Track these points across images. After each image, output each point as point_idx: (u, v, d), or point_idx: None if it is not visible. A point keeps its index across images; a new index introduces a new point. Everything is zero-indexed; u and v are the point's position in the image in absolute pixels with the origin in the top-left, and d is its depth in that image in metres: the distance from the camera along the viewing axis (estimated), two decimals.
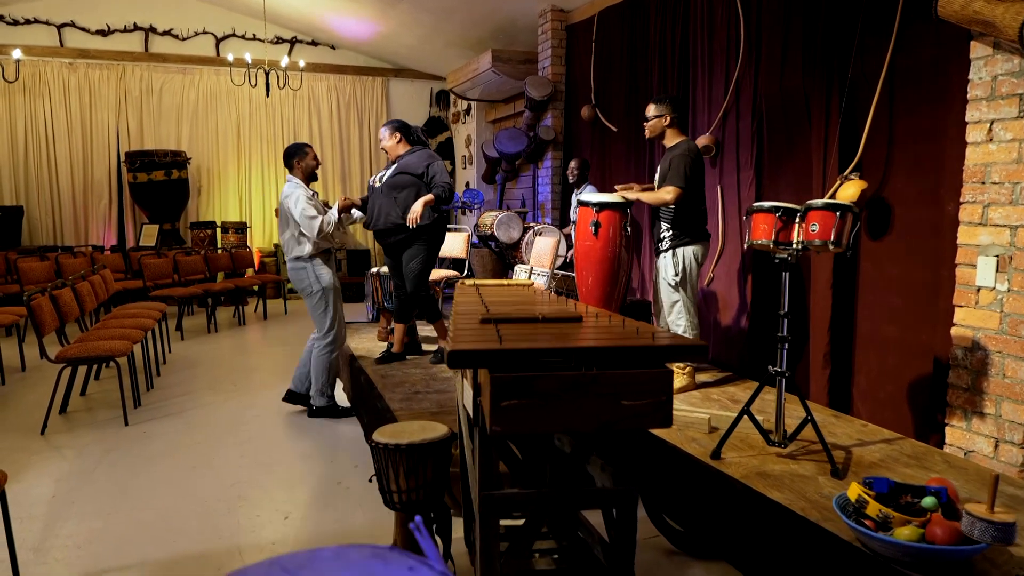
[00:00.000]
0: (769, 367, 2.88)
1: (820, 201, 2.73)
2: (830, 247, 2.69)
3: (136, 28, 9.33)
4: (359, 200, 4.50)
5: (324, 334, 4.32)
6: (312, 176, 4.35)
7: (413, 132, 4.48)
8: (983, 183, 2.95)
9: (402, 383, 4.09)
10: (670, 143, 3.69)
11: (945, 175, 3.21)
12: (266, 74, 8.11)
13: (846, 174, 3.63)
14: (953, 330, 3.09)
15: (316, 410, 4.43)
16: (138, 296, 7.32)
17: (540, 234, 5.69)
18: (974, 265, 2.99)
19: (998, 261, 2.90)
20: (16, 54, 7.69)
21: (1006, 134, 2.87)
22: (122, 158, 9.18)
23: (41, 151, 9.13)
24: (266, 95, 8.62)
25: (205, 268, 7.93)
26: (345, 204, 4.29)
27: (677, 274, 3.76)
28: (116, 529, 2.97)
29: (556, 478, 2.77)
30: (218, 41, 9.67)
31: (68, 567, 2.67)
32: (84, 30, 9.13)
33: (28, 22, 8.91)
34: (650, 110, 3.67)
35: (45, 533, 2.92)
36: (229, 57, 8.36)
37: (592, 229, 3.70)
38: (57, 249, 8.39)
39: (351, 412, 4.47)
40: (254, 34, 9.71)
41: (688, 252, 3.76)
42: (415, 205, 4.19)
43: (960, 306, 3.06)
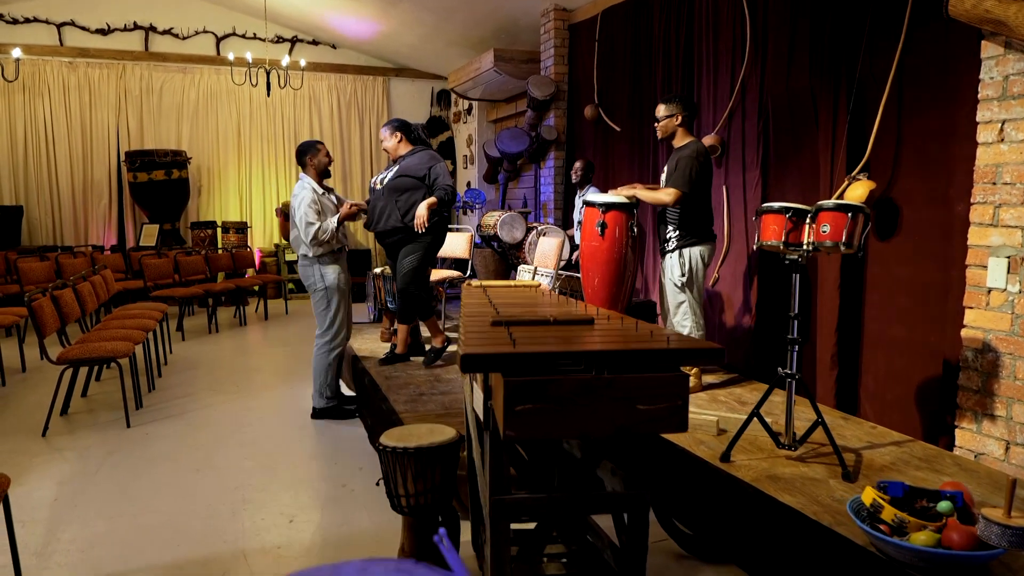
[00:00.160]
0: (779, 369, 2.86)
1: (831, 202, 2.71)
2: (841, 248, 2.66)
3: (136, 27, 9.30)
4: (365, 203, 4.49)
5: (323, 332, 4.32)
6: (325, 173, 4.36)
7: (414, 131, 4.45)
8: (994, 184, 2.93)
9: (406, 384, 4.06)
10: (679, 143, 3.66)
11: (955, 176, 3.19)
12: (267, 73, 8.08)
13: (854, 174, 3.60)
14: (963, 332, 3.07)
15: (317, 411, 4.41)
16: (139, 296, 7.29)
17: (544, 234, 5.66)
18: (985, 266, 2.97)
19: (1009, 262, 2.88)
20: (16, 53, 7.66)
21: (1018, 134, 2.84)
22: (122, 158, 9.14)
23: (41, 151, 9.09)
24: (267, 94, 8.59)
25: (206, 268, 7.89)
26: (351, 211, 4.27)
27: (683, 275, 3.74)
28: (119, 533, 2.94)
29: (565, 482, 2.75)
30: (218, 40, 9.63)
31: (71, 572, 2.64)
32: (84, 29, 9.09)
33: (28, 21, 8.87)
34: (660, 110, 3.64)
35: (48, 537, 2.89)
36: (230, 56, 8.32)
37: (598, 230, 3.68)
38: (57, 249, 8.35)
39: (354, 414, 4.45)
40: (254, 33, 9.67)
41: (694, 252, 3.73)
42: (419, 209, 4.16)
43: (970, 307, 3.04)
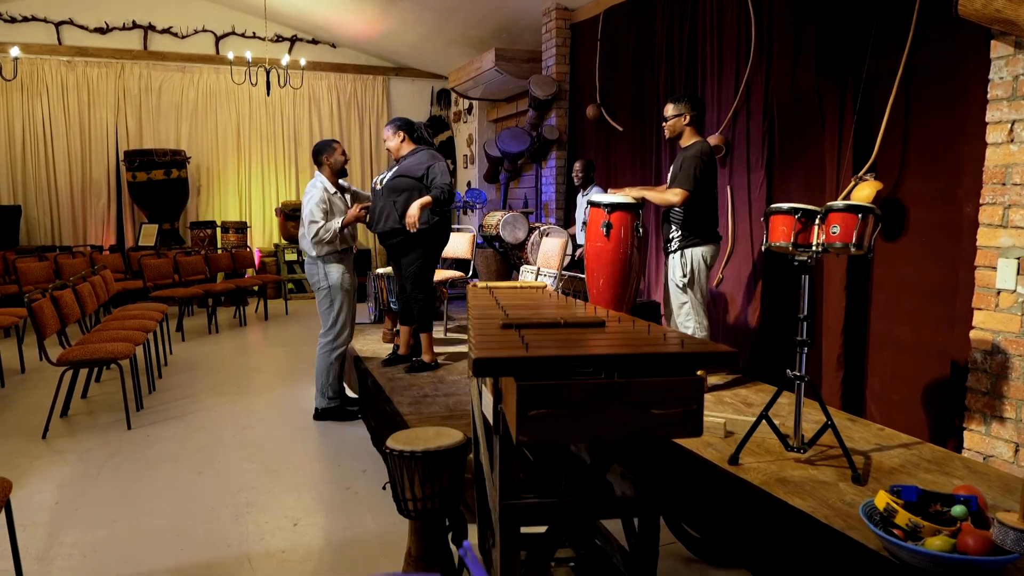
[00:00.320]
0: (788, 371, 2.83)
1: (841, 203, 2.68)
2: (851, 249, 2.64)
3: (135, 26, 9.26)
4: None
5: (326, 331, 4.31)
6: (341, 172, 4.36)
7: (417, 130, 4.42)
8: (1003, 184, 2.91)
9: (410, 386, 4.03)
10: (686, 143, 3.63)
11: (963, 176, 3.17)
12: (267, 73, 8.04)
13: (861, 175, 3.58)
14: (972, 333, 3.05)
15: (319, 412, 4.39)
16: (138, 297, 7.25)
17: (547, 235, 5.63)
18: (994, 267, 2.95)
19: (1019, 264, 2.86)
20: (14, 52, 7.62)
21: None
22: (121, 157, 9.10)
23: (39, 150, 9.05)
24: (267, 94, 8.56)
25: (205, 268, 7.86)
26: (359, 215, 4.23)
27: (685, 275, 3.71)
28: (121, 537, 2.91)
29: (573, 485, 2.72)
30: (218, 39, 9.59)
31: None
32: (82, 28, 9.05)
33: (26, 19, 8.83)
34: (668, 109, 3.61)
35: (49, 541, 2.86)
36: (229, 55, 8.28)
37: (604, 230, 3.65)
38: (55, 249, 8.31)
39: (356, 415, 4.42)
40: (254, 32, 9.64)
41: (696, 253, 3.70)
42: (412, 208, 4.11)
43: (979, 309, 3.02)
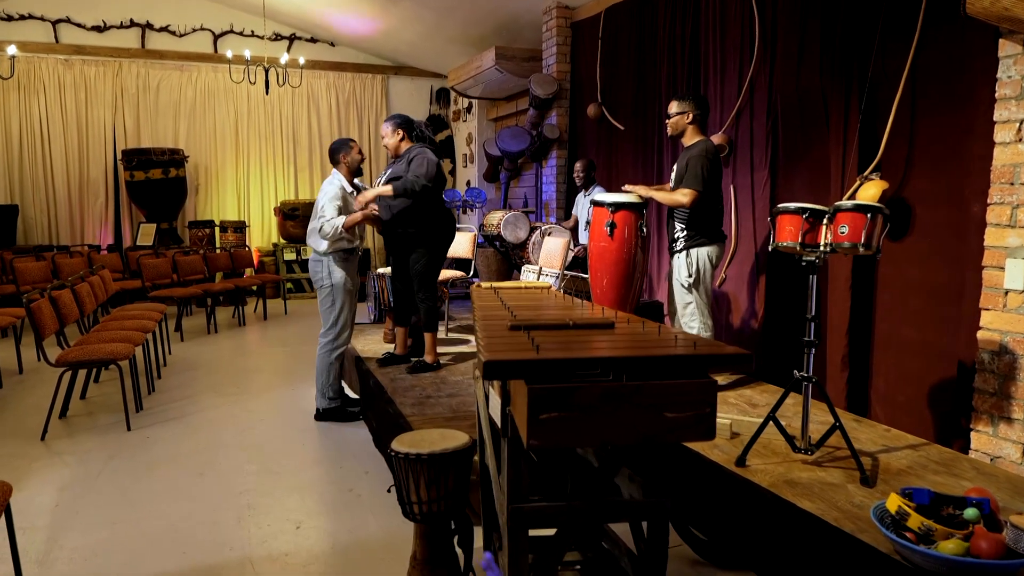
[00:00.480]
0: (795, 372, 2.81)
1: (849, 202, 2.66)
2: (860, 249, 2.62)
3: (133, 24, 9.21)
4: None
5: (326, 331, 4.28)
6: (358, 171, 4.36)
7: (416, 128, 4.40)
8: (1012, 184, 2.89)
9: (412, 387, 4.01)
10: (689, 142, 3.61)
11: (970, 176, 3.15)
12: (265, 71, 8.00)
13: (866, 174, 3.57)
14: (979, 333, 3.03)
15: (320, 412, 4.36)
16: (136, 296, 7.22)
17: (549, 234, 5.61)
18: (1002, 268, 2.93)
19: None
20: (11, 50, 7.57)
21: None
22: (119, 156, 9.05)
23: (36, 149, 9.00)
24: (265, 92, 8.52)
25: (204, 268, 7.82)
26: (368, 214, 4.19)
27: (690, 275, 3.69)
28: (122, 540, 2.88)
29: (579, 487, 2.70)
30: (216, 38, 9.55)
31: None
32: (80, 26, 9.00)
33: (23, 18, 8.77)
34: (672, 107, 3.59)
35: (49, 545, 2.83)
36: (228, 54, 8.24)
37: (607, 230, 3.63)
38: (53, 249, 8.27)
39: (357, 416, 4.39)
40: (252, 31, 9.60)
41: (702, 253, 3.68)
42: (366, 193, 4.15)
43: (987, 309, 3.00)
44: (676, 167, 3.70)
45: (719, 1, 4.77)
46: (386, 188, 4.09)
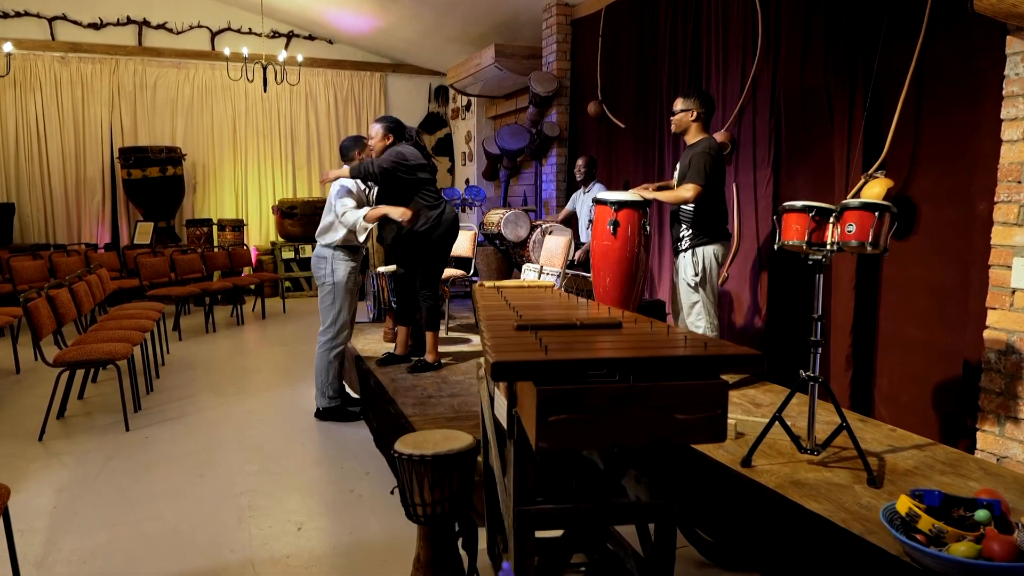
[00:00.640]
0: (801, 372, 2.79)
1: (857, 201, 2.64)
2: (868, 248, 2.60)
3: (129, 21, 9.16)
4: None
5: (325, 328, 4.25)
6: None
7: (408, 133, 4.35)
8: (1019, 182, 2.86)
9: (413, 387, 3.98)
10: (692, 139, 3.59)
11: (976, 174, 3.13)
12: (263, 69, 7.96)
13: (871, 172, 3.54)
14: (986, 333, 3.01)
15: (320, 412, 4.33)
16: (134, 295, 7.18)
17: (550, 232, 5.58)
18: (1009, 267, 2.91)
19: None
20: (7, 47, 7.49)
21: None
22: (116, 154, 9.01)
23: (32, 147, 8.94)
24: (263, 90, 8.47)
25: (202, 267, 7.77)
26: (380, 215, 4.14)
27: (697, 274, 3.67)
28: (122, 542, 2.85)
29: (585, 489, 2.67)
30: (213, 35, 9.50)
31: None
32: (76, 23, 8.95)
33: (18, 15, 8.72)
34: (677, 104, 3.56)
35: (48, 547, 2.79)
36: (225, 51, 8.20)
37: (610, 228, 3.60)
38: (50, 247, 8.22)
39: (358, 415, 4.36)
40: (250, 28, 9.55)
41: (708, 251, 3.66)
42: (328, 173, 4.22)
43: (994, 308, 2.98)
44: (679, 165, 3.67)
45: None
46: (343, 170, 4.13)
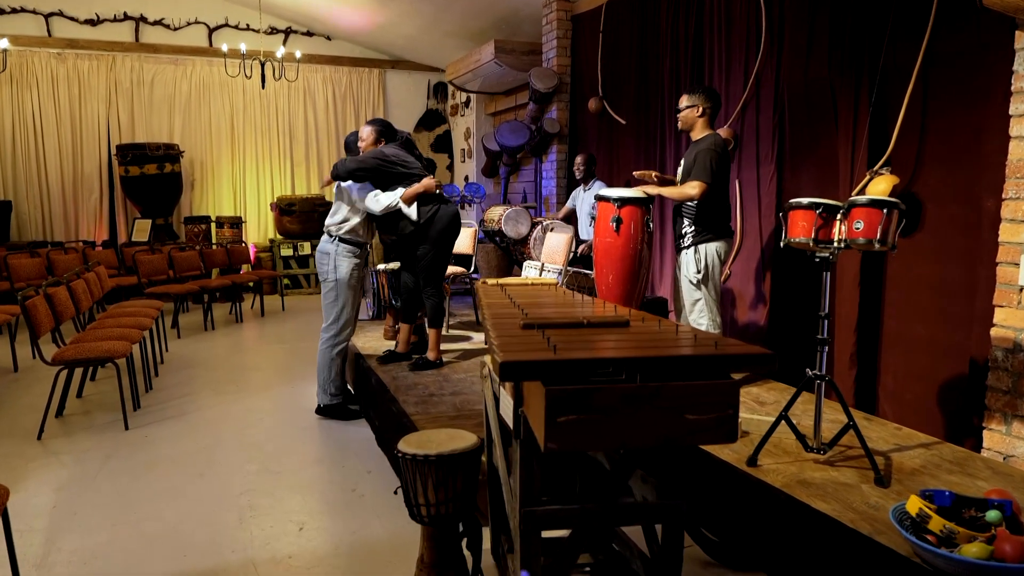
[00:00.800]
0: (808, 371, 2.76)
1: (865, 197, 2.61)
2: (876, 245, 2.57)
3: (126, 17, 9.10)
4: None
5: (328, 325, 4.22)
6: None
7: (399, 137, 4.31)
8: None
9: (415, 385, 3.95)
10: (698, 136, 3.55)
11: (984, 170, 3.10)
12: (261, 65, 7.91)
13: (876, 169, 3.52)
14: (993, 331, 2.98)
15: (321, 408, 4.31)
16: (132, 293, 7.14)
17: (551, 230, 5.55)
18: (1017, 264, 2.89)
19: None
20: (2, 44, 7.45)
21: None
22: (113, 151, 8.95)
23: (29, 144, 8.89)
24: (262, 86, 8.42)
25: (200, 264, 7.73)
26: (428, 188, 4.12)
27: (699, 271, 3.64)
28: (122, 542, 2.82)
29: (589, 488, 2.65)
30: (211, 31, 9.45)
31: None
32: (72, 19, 8.89)
33: (14, 11, 8.66)
34: (683, 100, 3.53)
35: (47, 547, 2.77)
36: (223, 48, 8.15)
37: (613, 225, 3.57)
38: (47, 245, 8.18)
39: (359, 414, 4.33)
40: (248, 24, 9.50)
41: (710, 248, 3.63)
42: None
43: (1001, 306, 2.95)
44: (684, 161, 3.64)
45: None
46: (327, 175, 4.20)
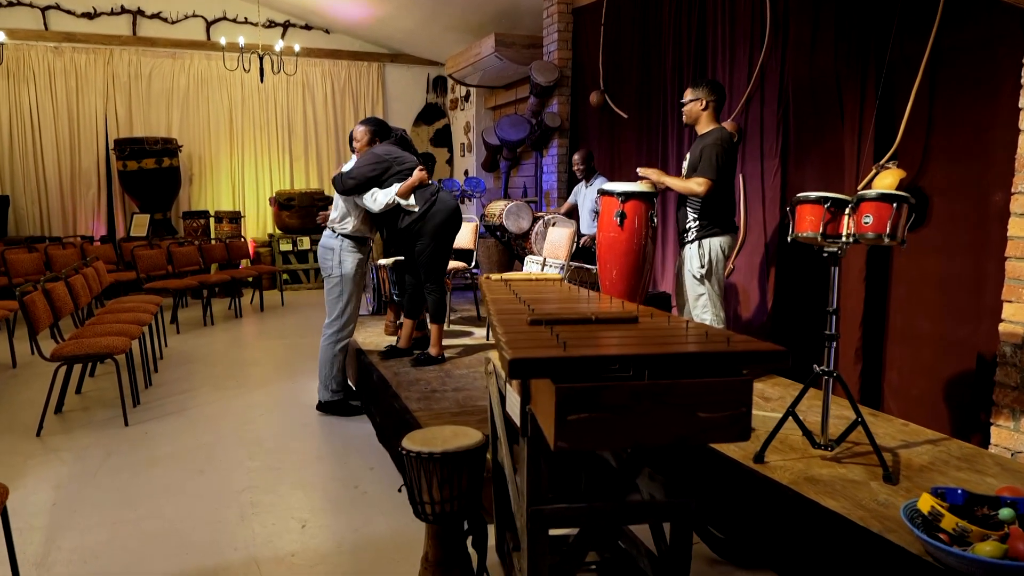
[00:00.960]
0: (815, 367, 2.74)
1: (874, 191, 2.58)
2: (885, 240, 2.54)
3: (123, 11, 9.03)
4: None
5: (332, 321, 4.19)
6: None
7: (394, 135, 4.26)
8: None
9: (416, 381, 3.92)
10: (703, 130, 3.52)
11: (992, 164, 3.07)
12: (260, 59, 7.86)
13: (883, 162, 3.48)
14: (1001, 326, 2.96)
15: (321, 404, 4.28)
16: (131, 288, 7.09)
17: (553, 224, 5.52)
18: None
19: None
20: None
21: None
22: (111, 145, 8.90)
23: (26, 138, 8.83)
24: (260, 80, 8.37)
25: (199, 259, 7.69)
26: (422, 179, 4.09)
27: (703, 266, 3.61)
28: (122, 541, 2.79)
29: (595, 486, 2.62)
30: (208, 25, 9.38)
31: None
32: (69, 13, 8.82)
33: (11, 4, 8.59)
34: (687, 94, 3.50)
35: (47, 546, 2.74)
36: (221, 41, 8.09)
37: (617, 220, 3.54)
38: (45, 240, 8.14)
39: (360, 410, 4.31)
40: (246, 17, 9.43)
41: (714, 243, 3.60)
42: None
43: (1009, 301, 2.93)
44: (689, 155, 3.61)
45: None
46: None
